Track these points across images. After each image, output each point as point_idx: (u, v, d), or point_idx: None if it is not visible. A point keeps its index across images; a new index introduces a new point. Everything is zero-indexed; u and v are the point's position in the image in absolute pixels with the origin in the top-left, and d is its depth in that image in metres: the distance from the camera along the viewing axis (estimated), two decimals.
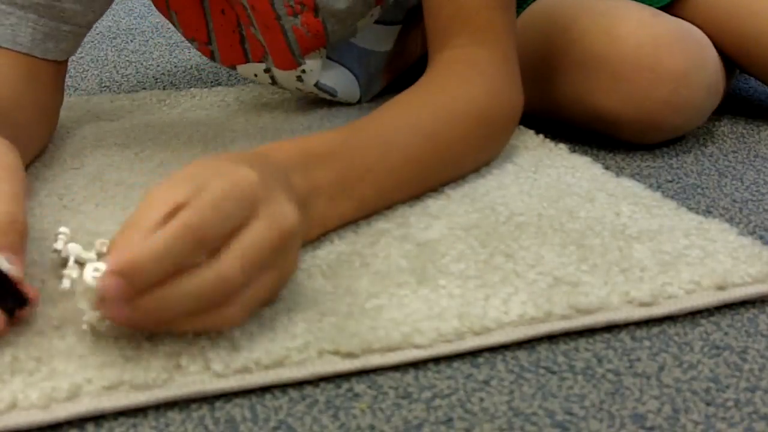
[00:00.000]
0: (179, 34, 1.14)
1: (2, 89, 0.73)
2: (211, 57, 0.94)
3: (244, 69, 0.93)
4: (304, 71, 0.91)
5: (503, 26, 0.77)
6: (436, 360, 0.51)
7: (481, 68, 0.75)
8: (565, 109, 0.89)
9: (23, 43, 0.76)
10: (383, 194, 0.66)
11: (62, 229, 0.59)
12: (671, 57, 0.82)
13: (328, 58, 0.94)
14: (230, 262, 0.47)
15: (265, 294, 0.51)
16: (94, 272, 0.47)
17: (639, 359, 0.52)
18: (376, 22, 0.95)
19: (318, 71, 0.92)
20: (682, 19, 0.89)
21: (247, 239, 0.48)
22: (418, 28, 1.01)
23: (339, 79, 0.95)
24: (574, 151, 0.83)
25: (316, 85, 0.93)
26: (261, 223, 0.49)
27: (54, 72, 0.81)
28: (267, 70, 0.92)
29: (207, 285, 0.47)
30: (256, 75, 0.93)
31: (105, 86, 1.16)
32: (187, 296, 0.46)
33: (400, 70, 1.02)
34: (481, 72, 0.75)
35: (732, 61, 0.94)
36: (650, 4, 0.92)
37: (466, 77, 0.74)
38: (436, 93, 0.72)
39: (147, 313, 0.46)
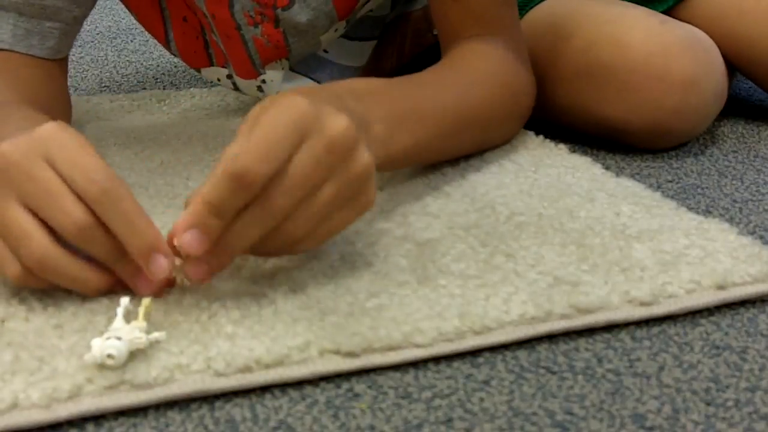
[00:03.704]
0: None
1: (39, 91, 0.75)
2: (176, 56, 0.95)
3: (208, 72, 0.94)
4: (264, 81, 0.91)
5: (510, 20, 0.81)
6: (436, 360, 0.51)
7: (495, 48, 0.79)
8: (570, 116, 0.88)
9: (4, 39, 0.77)
10: (430, 136, 0.69)
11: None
12: (681, 65, 0.82)
13: (297, 71, 0.94)
14: (274, 192, 0.51)
15: (330, 206, 0.54)
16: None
17: (639, 359, 0.52)
18: (351, 38, 0.95)
19: (279, 83, 0.92)
20: (682, 21, 0.88)
21: (292, 167, 0.52)
22: (392, 44, 1.01)
23: None
24: (574, 151, 0.83)
25: None
26: (307, 146, 0.52)
27: (59, 71, 0.81)
28: (229, 76, 0.93)
29: (255, 217, 0.51)
30: (219, 79, 0.94)
31: (105, 86, 1.16)
32: (242, 233, 0.52)
33: None
34: (494, 51, 0.79)
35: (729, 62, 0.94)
36: (652, 8, 0.92)
37: (482, 54, 0.78)
38: (459, 65, 0.77)
39: (221, 263, 0.52)
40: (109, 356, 0.47)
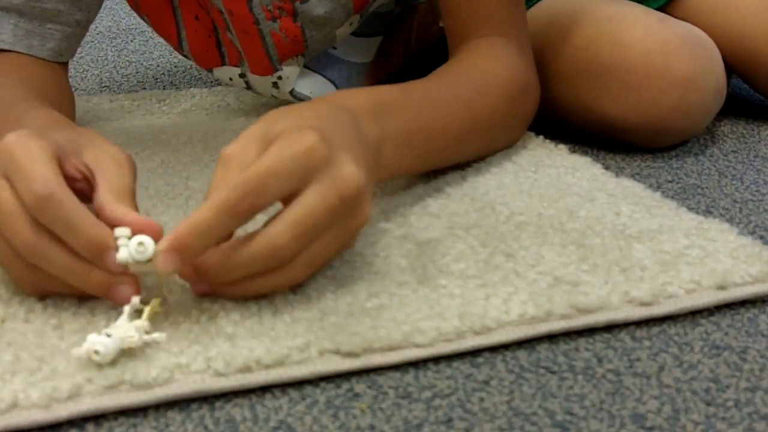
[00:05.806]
0: None
1: (44, 88, 0.75)
2: (187, 58, 0.95)
3: (220, 72, 0.94)
4: (280, 78, 0.91)
5: (518, 20, 0.82)
6: (436, 360, 0.51)
7: (503, 50, 0.80)
8: (570, 115, 0.88)
9: (5, 39, 0.77)
10: (434, 151, 0.71)
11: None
12: (679, 63, 0.82)
13: (308, 68, 0.94)
14: (280, 232, 0.51)
15: (326, 254, 0.54)
16: (137, 248, 0.50)
17: (639, 359, 0.52)
18: (358, 34, 0.95)
19: (294, 79, 0.92)
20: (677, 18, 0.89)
21: (301, 208, 0.51)
22: (399, 39, 1.01)
23: (315, 87, 0.95)
24: (574, 151, 0.83)
25: (292, 92, 0.93)
26: (317, 189, 0.51)
27: (62, 73, 0.81)
28: (242, 75, 0.92)
29: (258, 254, 0.51)
30: (231, 79, 0.94)
31: (105, 86, 1.16)
32: (241, 266, 0.51)
33: (381, 80, 1.02)
34: (503, 53, 0.79)
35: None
36: (647, 5, 0.92)
37: (489, 56, 0.79)
38: (467, 69, 0.78)
39: (207, 282, 0.53)
40: (96, 352, 0.47)
